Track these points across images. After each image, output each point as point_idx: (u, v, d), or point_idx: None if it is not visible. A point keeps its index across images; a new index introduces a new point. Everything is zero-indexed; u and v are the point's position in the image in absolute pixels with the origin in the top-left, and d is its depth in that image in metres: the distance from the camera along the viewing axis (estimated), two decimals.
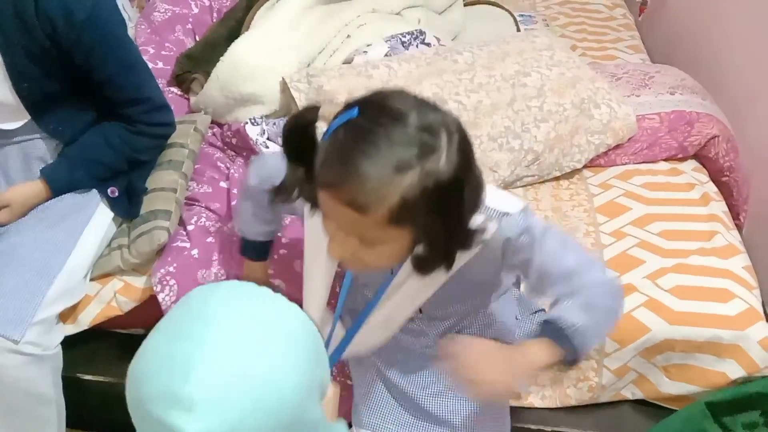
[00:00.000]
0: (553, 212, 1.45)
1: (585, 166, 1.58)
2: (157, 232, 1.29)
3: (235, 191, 1.47)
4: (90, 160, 1.26)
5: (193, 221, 1.39)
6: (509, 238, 0.88)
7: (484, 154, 1.48)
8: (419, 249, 0.83)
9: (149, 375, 0.58)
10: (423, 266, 0.85)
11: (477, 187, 0.81)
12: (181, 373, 0.56)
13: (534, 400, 1.27)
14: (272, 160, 1.07)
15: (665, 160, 1.59)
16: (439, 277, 0.90)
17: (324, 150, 0.78)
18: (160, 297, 1.27)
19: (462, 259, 0.89)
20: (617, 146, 1.59)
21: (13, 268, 1.17)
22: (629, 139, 1.59)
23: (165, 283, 1.28)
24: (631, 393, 1.27)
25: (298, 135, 0.84)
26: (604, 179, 1.55)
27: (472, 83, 1.55)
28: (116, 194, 1.30)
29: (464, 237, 0.84)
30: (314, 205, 0.86)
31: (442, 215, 0.78)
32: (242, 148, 1.59)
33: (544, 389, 1.26)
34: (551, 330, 0.86)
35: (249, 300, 0.62)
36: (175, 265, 1.30)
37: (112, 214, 1.32)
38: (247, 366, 0.57)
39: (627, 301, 1.23)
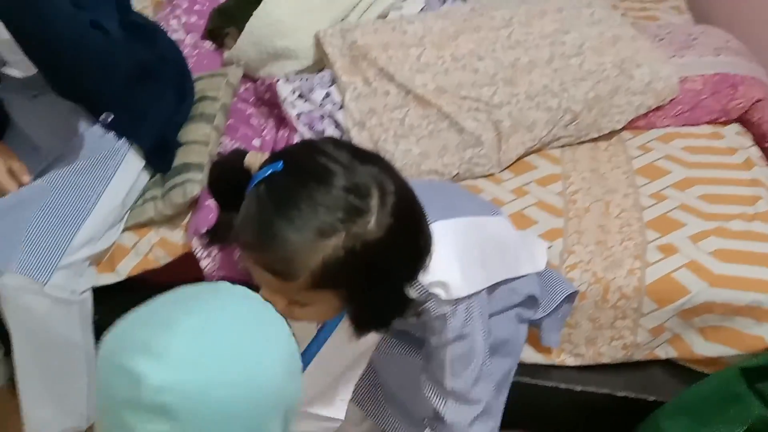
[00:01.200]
0: (591, 173, 1.42)
1: (624, 128, 1.54)
2: (189, 185, 1.29)
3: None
4: None
5: None
6: (429, 311, 0.85)
7: (521, 112, 1.45)
8: (351, 309, 0.78)
9: (130, 326, 0.56)
10: (356, 327, 0.80)
11: (416, 252, 0.75)
12: (164, 327, 0.54)
13: (566, 358, 1.26)
14: None
15: (707, 123, 1.54)
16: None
17: (244, 207, 0.73)
18: (202, 263, 1.27)
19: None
20: (658, 108, 1.55)
21: (41, 211, 1.18)
22: (670, 101, 1.54)
23: (208, 254, 1.28)
24: (664, 352, 1.25)
25: (224, 181, 0.79)
26: (643, 141, 1.52)
27: (509, 40, 1.52)
28: (110, 119, 1.25)
29: (399, 304, 0.79)
30: None
31: (370, 278, 0.73)
32: (274, 105, 1.58)
33: (577, 348, 1.24)
34: None
35: (250, 298, 0.60)
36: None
37: (142, 163, 1.32)
38: (231, 342, 0.55)
39: (668, 262, 1.21)
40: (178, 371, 0.52)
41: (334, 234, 0.69)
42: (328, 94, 1.51)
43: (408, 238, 0.74)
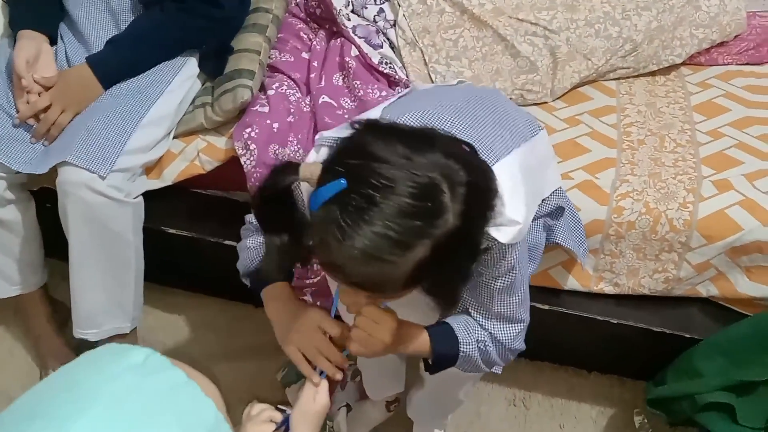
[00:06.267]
0: (647, 107, 1.38)
1: (684, 64, 1.49)
2: (240, 90, 1.29)
3: (315, 64, 1.44)
4: (137, 39, 1.24)
5: (274, 87, 1.37)
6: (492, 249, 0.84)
7: (579, 39, 1.40)
8: (437, 291, 0.80)
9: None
10: (447, 305, 0.84)
11: (488, 209, 0.75)
12: None
13: (605, 286, 1.26)
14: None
15: None
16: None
17: (320, 227, 0.70)
18: (242, 159, 1.28)
19: None
20: (721, 44, 1.50)
21: (101, 112, 1.20)
22: (735, 37, 1.49)
23: (247, 147, 1.29)
24: (706, 290, 1.25)
25: (274, 206, 0.77)
26: (703, 78, 1.47)
27: None
28: None
29: (474, 257, 0.80)
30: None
31: (456, 256, 0.73)
32: (325, 20, 1.55)
33: (618, 277, 1.24)
34: (444, 335, 0.92)
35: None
36: (256, 130, 1.30)
37: (197, 71, 1.32)
38: None
39: (722, 198, 1.19)
40: None
41: (420, 243, 0.68)
42: (381, 11, 1.48)
43: (482, 207, 0.74)
